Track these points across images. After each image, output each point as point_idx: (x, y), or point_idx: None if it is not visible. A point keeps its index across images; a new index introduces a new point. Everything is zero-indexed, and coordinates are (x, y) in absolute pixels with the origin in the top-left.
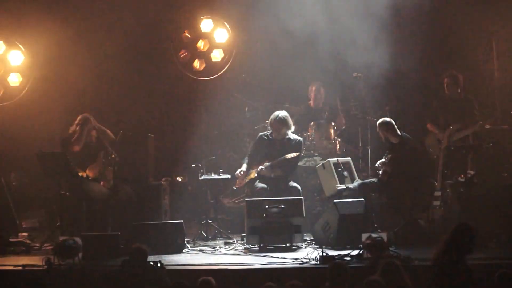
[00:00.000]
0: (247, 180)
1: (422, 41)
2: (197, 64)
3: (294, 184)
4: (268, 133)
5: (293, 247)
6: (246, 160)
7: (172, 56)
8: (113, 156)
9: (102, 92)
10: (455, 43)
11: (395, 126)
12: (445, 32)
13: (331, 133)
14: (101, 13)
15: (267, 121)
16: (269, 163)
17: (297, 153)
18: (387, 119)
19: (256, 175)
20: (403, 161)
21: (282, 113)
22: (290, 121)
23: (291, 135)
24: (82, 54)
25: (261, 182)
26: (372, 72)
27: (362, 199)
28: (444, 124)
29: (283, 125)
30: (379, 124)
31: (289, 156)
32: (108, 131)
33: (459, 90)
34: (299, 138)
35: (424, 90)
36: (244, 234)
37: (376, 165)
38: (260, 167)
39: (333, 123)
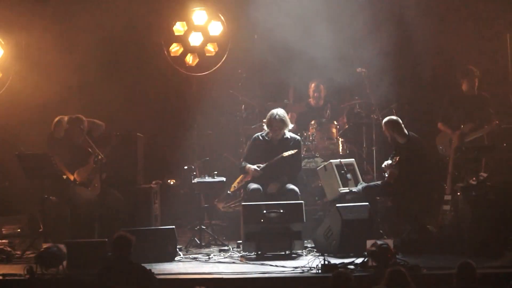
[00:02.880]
0: (243, 183)
1: (432, 34)
2: (189, 58)
3: (292, 187)
4: (263, 134)
5: (293, 255)
6: (245, 164)
7: (162, 50)
8: (100, 157)
9: (88, 90)
10: (468, 37)
11: (402, 125)
12: (457, 25)
13: (333, 133)
14: (86, 6)
15: (265, 120)
16: (264, 165)
17: (295, 150)
18: (394, 117)
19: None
20: (410, 162)
21: (280, 111)
22: (288, 119)
23: (288, 134)
24: (66, 50)
25: (255, 183)
26: (377, 68)
27: (367, 203)
28: (457, 123)
29: (282, 124)
30: (385, 122)
31: (286, 154)
32: (97, 121)
33: (475, 87)
34: (297, 136)
35: (433, 86)
36: (240, 241)
37: (382, 166)
38: (254, 166)
39: (335, 122)
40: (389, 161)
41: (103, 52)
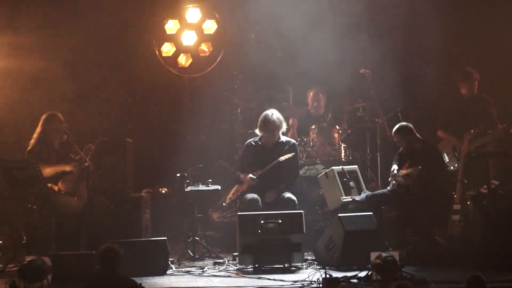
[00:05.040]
0: (238, 194)
1: (439, 33)
2: (182, 59)
3: (288, 195)
4: (256, 139)
5: (292, 268)
6: (239, 173)
7: (153, 50)
8: (86, 164)
9: (74, 92)
10: (475, 37)
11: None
12: (464, 25)
13: (335, 138)
14: (72, 3)
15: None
16: (259, 172)
17: (292, 154)
18: (404, 123)
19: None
20: (428, 168)
21: (274, 113)
22: (283, 121)
23: (282, 137)
24: (51, 49)
25: (252, 192)
26: (382, 68)
27: (371, 213)
28: (459, 129)
29: (277, 127)
30: (399, 130)
31: (283, 158)
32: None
33: (475, 90)
34: (292, 140)
35: (441, 88)
36: (236, 253)
37: (394, 172)
38: (250, 175)
39: (337, 127)
40: (396, 167)
41: (91, 53)
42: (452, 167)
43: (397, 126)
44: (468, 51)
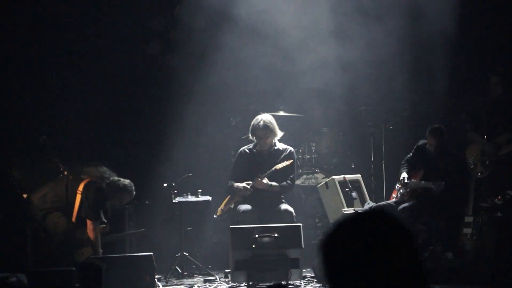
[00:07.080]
0: (231, 205)
1: (453, 30)
2: (169, 58)
3: (286, 207)
4: (250, 146)
5: (290, 286)
6: (232, 183)
7: (138, 48)
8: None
9: (49, 95)
10: (498, 34)
11: None
12: (485, 21)
13: (336, 145)
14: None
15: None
16: (253, 182)
17: (290, 161)
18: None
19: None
20: (448, 183)
21: (266, 117)
22: (276, 126)
23: (278, 145)
24: (21, 48)
25: (246, 203)
26: (388, 69)
27: None
28: (490, 132)
29: (269, 132)
30: (440, 131)
31: (279, 166)
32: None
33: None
34: (289, 147)
35: (453, 90)
36: (229, 270)
37: (405, 180)
38: (244, 184)
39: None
40: (405, 175)
41: (67, 50)
42: (480, 173)
43: (435, 127)
44: (491, 51)
